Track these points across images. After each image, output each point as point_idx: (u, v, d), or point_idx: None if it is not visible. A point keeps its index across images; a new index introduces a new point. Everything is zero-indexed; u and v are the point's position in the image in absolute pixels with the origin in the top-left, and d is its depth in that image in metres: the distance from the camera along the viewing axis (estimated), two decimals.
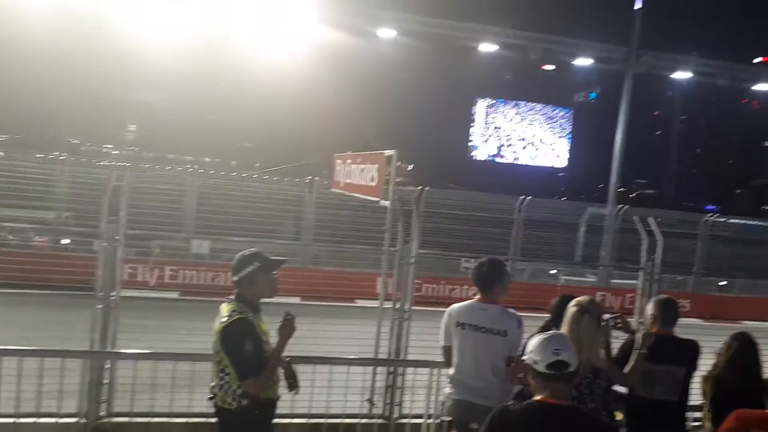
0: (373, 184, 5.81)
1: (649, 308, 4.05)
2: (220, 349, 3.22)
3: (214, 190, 14.92)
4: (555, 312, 4.07)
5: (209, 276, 12.71)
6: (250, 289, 3.31)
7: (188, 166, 32.11)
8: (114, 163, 22.86)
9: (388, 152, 5.55)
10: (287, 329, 3.32)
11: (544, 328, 4.18)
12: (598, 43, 19.66)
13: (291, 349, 3.43)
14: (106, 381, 4.83)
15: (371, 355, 5.60)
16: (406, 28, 18.07)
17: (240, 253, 3.36)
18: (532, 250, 15.17)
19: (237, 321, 3.19)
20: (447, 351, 4.06)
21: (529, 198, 15.23)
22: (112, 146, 60.36)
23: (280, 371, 3.45)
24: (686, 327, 4.17)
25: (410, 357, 5.44)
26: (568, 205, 25.26)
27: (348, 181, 6.87)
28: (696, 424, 4.37)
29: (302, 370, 3.75)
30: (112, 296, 4.83)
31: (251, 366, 3.17)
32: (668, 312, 3.97)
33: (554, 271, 15.09)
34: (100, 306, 4.78)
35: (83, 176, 12.85)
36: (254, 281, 3.31)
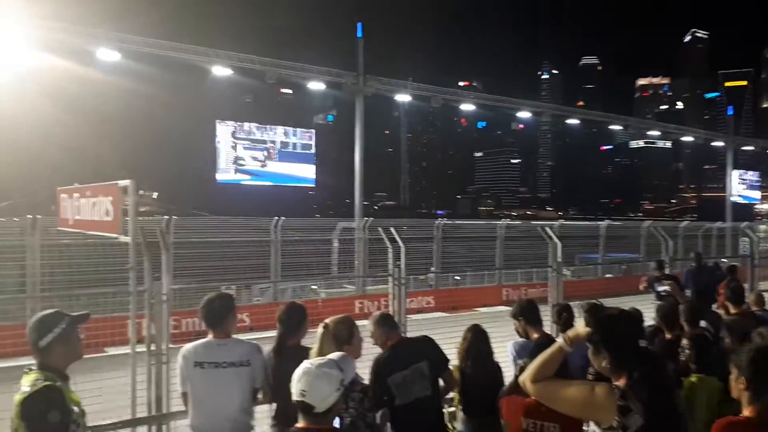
0: (109, 218, 5.22)
1: (370, 326, 4.18)
2: (19, 425, 2.61)
3: None
4: (284, 321, 4.05)
5: None
6: (63, 353, 2.79)
7: None
8: None
9: (123, 182, 5.05)
10: None
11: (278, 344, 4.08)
12: (329, 69, 20.90)
13: None
14: None
15: (129, 409, 4.99)
16: (130, 49, 16.90)
17: (38, 315, 2.81)
18: (291, 268, 15.33)
19: (43, 389, 2.62)
20: (187, 397, 3.83)
21: (283, 218, 15.39)
22: None
23: None
24: (433, 320, 4.58)
25: (176, 405, 4.98)
26: (320, 222, 26.21)
27: (78, 217, 6.07)
28: (451, 410, 4.74)
29: None
30: None
31: None
32: (389, 322, 4.27)
33: (315, 286, 15.45)
34: None
35: None
36: (69, 341, 2.80)
